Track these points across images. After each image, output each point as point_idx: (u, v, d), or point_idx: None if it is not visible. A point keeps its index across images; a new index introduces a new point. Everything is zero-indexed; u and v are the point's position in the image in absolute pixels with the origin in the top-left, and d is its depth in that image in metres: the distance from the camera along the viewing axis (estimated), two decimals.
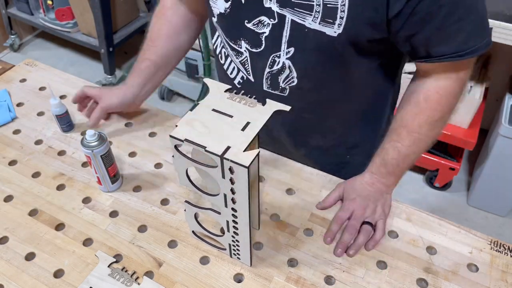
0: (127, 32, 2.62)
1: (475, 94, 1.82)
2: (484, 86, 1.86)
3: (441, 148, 2.04)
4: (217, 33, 0.93)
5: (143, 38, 1.04)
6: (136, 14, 2.71)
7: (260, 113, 0.68)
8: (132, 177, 0.96)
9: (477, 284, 0.77)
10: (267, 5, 0.77)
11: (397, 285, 0.77)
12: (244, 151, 0.62)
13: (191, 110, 0.70)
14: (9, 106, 1.12)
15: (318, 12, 0.73)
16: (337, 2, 0.71)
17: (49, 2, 2.60)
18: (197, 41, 2.13)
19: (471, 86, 1.86)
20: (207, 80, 0.75)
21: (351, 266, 0.79)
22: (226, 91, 0.72)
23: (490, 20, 0.74)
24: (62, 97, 1.16)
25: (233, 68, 0.92)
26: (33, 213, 0.88)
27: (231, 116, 0.67)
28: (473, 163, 2.20)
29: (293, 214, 0.88)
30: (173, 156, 0.69)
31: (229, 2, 0.81)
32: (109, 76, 2.61)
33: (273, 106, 0.69)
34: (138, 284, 0.76)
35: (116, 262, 0.80)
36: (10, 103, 1.13)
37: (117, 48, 2.56)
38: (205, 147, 0.63)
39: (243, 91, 0.77)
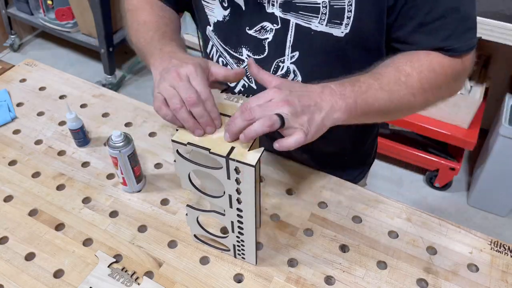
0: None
1: (475, 94, 1.82)
2: (484, 86, 1.86)
3: (441, 148, 2.04)
4: (211, 43, 0.89)
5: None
6: None
7: None
8: None
9: (477, 284, 0.77)
10: (269, 10, 0.76)
11: (397, 285, 0.77)
12: (248, 150, 0.62)
13: None
14: (9, 106, 1.12)
15: (325, 14, 0.72)
16: (344, 2, 0.70)
17: (49, 2, 2.60)
18: (197, 41, 2.12)
19: (471, 86, 1.86)
20: None
21: (351, 266, 0.79)
22: (222, 91, 0.72)
23: (490, 20, 0.74)
24: (62, 97, 1.16)
25: None
26: (33, 213, 0.88)
27: (230, 117, 0.67)
28: (473, 163, 2.20)
29: (293, 214, 0.88)
30: (174, 161, 0.69)
31: (228, 10, 0.80)
32: (109, 76, 2.61)
33: None
34: (138, 284, 0.76)
35: (116, 262, 0.80)
36: (10, 103, 1.13)
37: (117, 48, 2.56)
38: (209, 149, 0.63)
39: (239, 91, 0.76)
